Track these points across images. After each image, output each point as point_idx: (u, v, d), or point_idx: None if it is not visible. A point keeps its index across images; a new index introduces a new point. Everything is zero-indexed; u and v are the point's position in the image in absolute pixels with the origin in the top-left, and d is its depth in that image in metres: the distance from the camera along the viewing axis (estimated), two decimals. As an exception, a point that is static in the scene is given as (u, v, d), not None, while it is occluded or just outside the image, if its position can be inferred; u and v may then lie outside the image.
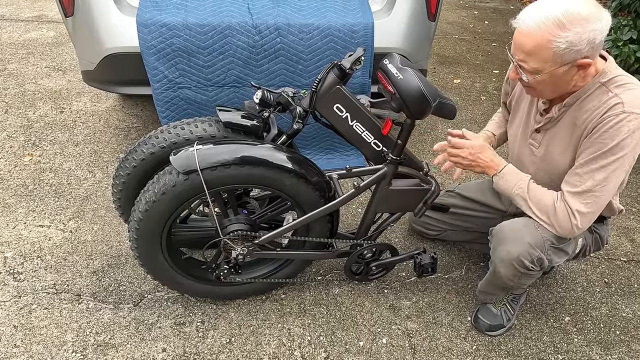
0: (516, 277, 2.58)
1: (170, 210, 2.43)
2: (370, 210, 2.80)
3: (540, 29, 2.03)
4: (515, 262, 2.49)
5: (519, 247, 2.46)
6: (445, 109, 2.45)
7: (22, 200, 3.65)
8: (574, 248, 2.65)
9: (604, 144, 2.16)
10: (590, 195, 2.25)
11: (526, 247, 2.44)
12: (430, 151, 4.58)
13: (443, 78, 6.14)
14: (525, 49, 2.11)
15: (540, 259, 2.47)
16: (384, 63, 2.42)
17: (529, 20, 2.07)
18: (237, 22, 3.55)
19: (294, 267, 2.99)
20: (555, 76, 2.15)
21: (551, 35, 2.02)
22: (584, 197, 2.27)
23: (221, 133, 2.59)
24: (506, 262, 2.53)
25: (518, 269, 2.51)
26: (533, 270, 2.52)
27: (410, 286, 3.20)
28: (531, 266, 2.48)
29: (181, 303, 2.96)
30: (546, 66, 2.11)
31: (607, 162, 2.18)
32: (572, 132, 2.32)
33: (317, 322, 2.92)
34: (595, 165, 2.21)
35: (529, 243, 2.44)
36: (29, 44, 6.17)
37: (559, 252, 2.54)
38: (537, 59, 2.10)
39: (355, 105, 2.51)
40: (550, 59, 2.08)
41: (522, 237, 2.46)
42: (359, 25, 3.71)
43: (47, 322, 2.80)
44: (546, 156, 2.47)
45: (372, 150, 2.62)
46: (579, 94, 2.26)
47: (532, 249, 2.44)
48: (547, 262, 2.50)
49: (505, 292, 2.91)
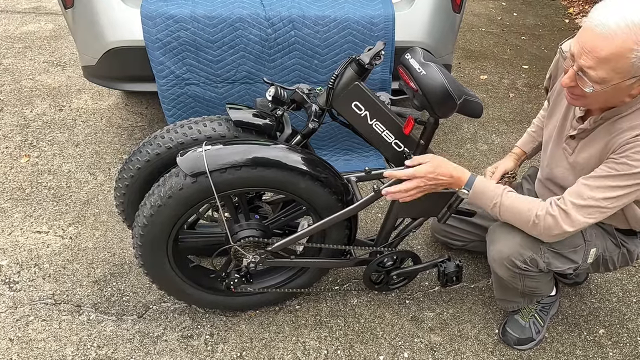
0: (514, 277, 2.60)
1: (177, 215, 2.43)
2: (391, 216, 2.80)
3: (624, 34, 1.85)
4: (507, 262, 2.52)
5: (509, 247, 2.50)
6: (471, 107, 2.44)
7: (18, 205, 3.68)
8: (584, 257, 2.61)
9: (629, 165, 2.09)
10: (596, 210, 2.21)
11: (516, 247, 2.47)
12: (455, 152, 4.58)
13: (469, 74, 6.13)
14: (600, 55, 1.91)
15: (534, 260, 2.48)
16: (405, 58, 2.42)
17: (610, 20, 1.87)
18: (248, 13, 3.56)
19: (309, 276, 3.00)
20: (617, 89, 2.01)
21: (635, 42, 1.85)
22: (589, 211, 2.22)
23: (231, 133, 2.60)
24: (498, 262, 2.57)
25: (511, 269, 2.54)
26: (529, 271, 2.53)
27: (433, 296, 3.20)
28: (524, 266, 2.50)
29: (188, 314, 2.97)
30: (616, 77, 1.95)
31: (626, 184, 2.13)
32: (602, 148, 2.25)
33: (334, 334, 2.93)
34: (611, 183, 2.15)
35: (519, 243, 2.47)
36: (26, 38, 6.21)
37: (560, 257, 2.53)
38: (609, 68, 1.93)
39: (375, 103, 2.51)
40: (625, 69, 1.92)
41: (512, 237, 2.49)
42: (379, 17, 3.71)
43: (45, 335, 2.82)
44: (577, 164, 2.44)
45: (393, 151, 2.62)
46: (618, 110, 2.18)
47: (523, 249, 2.47)
48: (543, 265, 2.50)
49: (526, 300, 2.90)
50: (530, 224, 2.34)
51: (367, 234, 3.60)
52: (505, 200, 2.38)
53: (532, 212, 2.32)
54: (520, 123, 5.11)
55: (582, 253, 2.58)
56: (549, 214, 2.27)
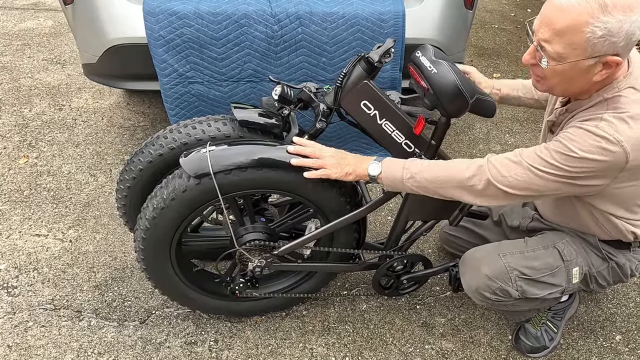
0: (495, 305, 2.60)
1: (181, 217, 2.44)
2: (401, 218, 2.80)
3: (580, 6, 1.88)
4: (476, 294, 2.54)
5: (476, 279, 2.52)
6: (484, 106, 2.44)
7: (16, 207, 3.69)
8: (567, 278, 2.55)
9: (564, 145, 2.05)
10: (524, 174, 2.12)
11: (482, 278, 2.48)
12: (468, 153, 4.58)
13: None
14: (556, 27, 1.95)
15: (504, 290, 2.47)
16: (416, 55, 2.42)
17: None
18: (254, 10, 3.56)
19: (317, 280, 3.00)
20: (576, 69, 2.03)
21: (591, 16, 1.88)
22: (516, 171, 2.14)
23: (236, 133, 2.60)
24: (471, 294, 2.60)
25: (484, 301, 2.56)
26: (502, 301, 2.53)
27: (445, 302, 3.20)
28: (494, 297, 2.50)
29: (192, 320, 2.98)
30: (572, 54, 1.98)
31: (558, 163, 2.06)
32: None
33: (343, 341, 2.93)
34: (547, 156, 2.08)
35: (485, 275, 2.47)
36: (25, 35, 6.24)
37: (535, 284, 2.51)
38: (565, 42, 1.96)
39: (385, 102, 2.51)
40: (581, 45, 1.94)
41: (478, 268, 2.50)
42: (389, 13, 3.71)
43: (44, 342, 2.83)
44: None
45: (403, 151, 2.62)
46: (580, 103, 2.20)
47: (489, 281, 2.47)
48: (516, 293, 2.48)
49: (532, 311, 2.90)
50: (464, 179, 2.23)
51: (376, 237, 3.60)
52: (424, 162, 2.33)
53: (469, 167, 2.23)
54: (534, 123, 5.10)
55: (564, 274, 2.54)
56: (479, 164, 2.22)
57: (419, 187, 2.32)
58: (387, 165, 2.36)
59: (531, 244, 2.58)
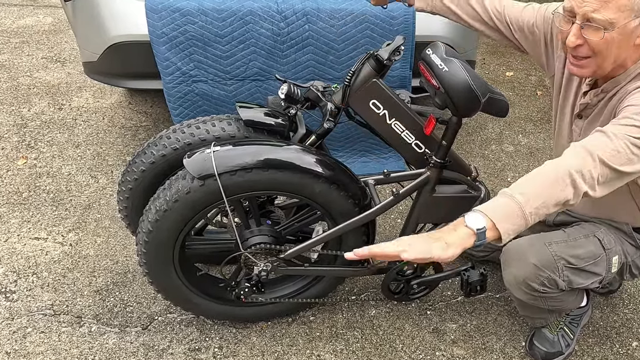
0: (535, 300, 2.57)
1: (184, 220, 2.44)
2: (411, 221, 2.80)
3: None
4: (523, 286, 2.50)
5: (524, 269, 2.46)
6: (496, 106, 2.45)
7: (15, 210, 3.70)
8: (607, 267, 2.56)
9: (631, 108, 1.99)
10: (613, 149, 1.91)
11: (531, 268, 2.44)
12: (480, 153, 4.58)
13: (494, 70, 6.12)
14: None
15: (552, 280, 2.45)
16: (426, 53, 2.43)
17: None
18: (259, 6, 3.57)
19: (325, 285, 3.00)
20: (625, 34, 2.01)
21: None
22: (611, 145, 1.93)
23: (241, 133, 2.61)
24: (514, 287, 2.55)
25: (529, 293, 2.52)
26: (549, 292, 2.51)
27: (456, 307, 3.20)
28: (542, 289, 2.47)
29: (196, 326, 2.98)
30: (621, 17, 1.96)
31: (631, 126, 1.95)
32: (609, 119, 2.16)
33: (351, 347, 2.93)
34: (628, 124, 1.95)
35: (534, 264, 2.43)
36: (23, 32, 6.25)
37: (580, 273, 2.50)
38: (614, 7, 1.94)
39: (394, 101, 2.52)
40: (628, 5, 1.94)
41: (526, 258, 2.46)
42: (398, 10, 3.71)
43: (43, 348, 2.83)
44: None
45: (413, 152, 2.63)
46: (617, 80, 2.19)
47: (539, 270, 2.43)
48: (563, 284, 2.47)
49: (554, 315, 2.88)
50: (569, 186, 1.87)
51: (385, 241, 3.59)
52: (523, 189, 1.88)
53: (566, 173, 1.86)
54: (548, 122, 5.08)
55: (605, 263, 2.54)
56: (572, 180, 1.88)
57: (539, 216, 1.88)
58: (491, 209, 1.84)
59: (572, 234, 2.56)
